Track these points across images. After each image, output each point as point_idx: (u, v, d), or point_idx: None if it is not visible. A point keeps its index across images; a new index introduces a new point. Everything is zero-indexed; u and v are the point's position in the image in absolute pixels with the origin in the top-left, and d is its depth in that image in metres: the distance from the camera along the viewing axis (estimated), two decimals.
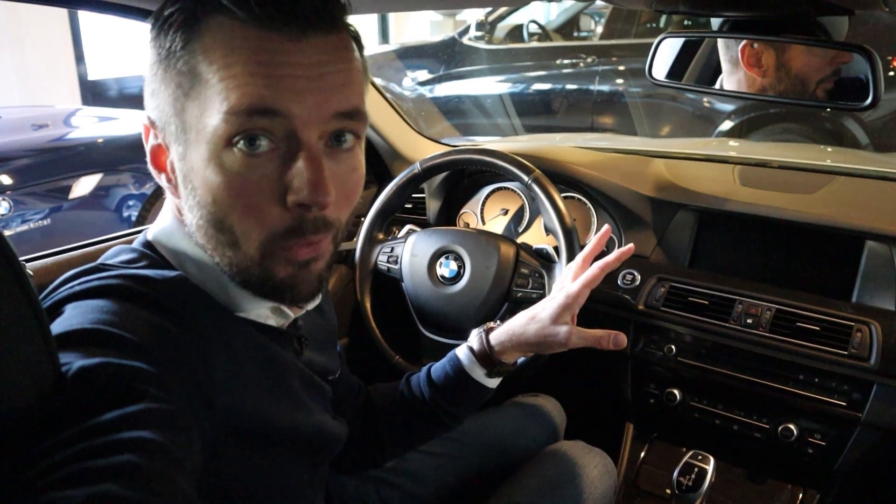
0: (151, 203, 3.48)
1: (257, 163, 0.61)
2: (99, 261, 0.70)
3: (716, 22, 1.18)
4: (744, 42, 1.22)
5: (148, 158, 0.69)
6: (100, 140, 3.56)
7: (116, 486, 0.45)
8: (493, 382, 1.04)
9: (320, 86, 0.62)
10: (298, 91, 0.61)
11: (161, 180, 0.70)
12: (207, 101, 0.60)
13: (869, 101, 0.99)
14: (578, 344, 0.98)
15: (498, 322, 1.06)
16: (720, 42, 1.28)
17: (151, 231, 0.73)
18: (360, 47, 0.68)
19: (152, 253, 0.71)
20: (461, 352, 1.04)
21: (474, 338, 1.04)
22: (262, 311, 0.73)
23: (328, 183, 0.62)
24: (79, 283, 0.64)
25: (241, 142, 0.60)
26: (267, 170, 0.62)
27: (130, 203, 3.42)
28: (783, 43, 1.15)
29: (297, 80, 0.60)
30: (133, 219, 3.42)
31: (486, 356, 1.02)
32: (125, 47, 6.24)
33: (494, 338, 1.02)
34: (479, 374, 1.02)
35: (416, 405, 1.05)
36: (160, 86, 0.64)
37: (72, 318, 0.59)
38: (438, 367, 1.06)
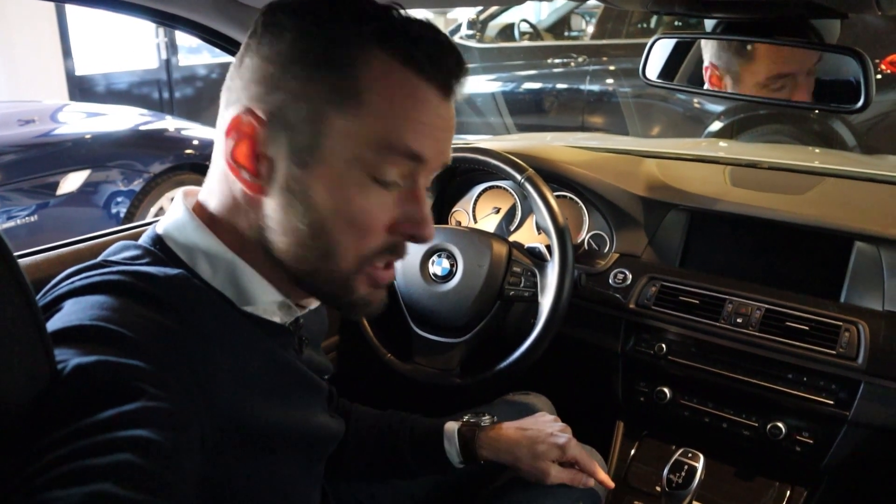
0: (140, 200, 3.45)
1: (383, 195, 0.67)
2: (101, 257, 0.69)
3: (709, 23, 1.19)
4: (707, 63, 1.24)
5: (228, 150, 0.66)
6: (88, 136, 3.53)
7: (113, 486, 0.45)
8: (461, 467, 1.09)
9: (447, 139, 0.71)
10: (435, 141, 0.68)
11: (240, 173, 0.67)
12: (359, 126, 0.64)
13: (861, 103, 1.00)
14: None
15: (494, 419, 1.12)
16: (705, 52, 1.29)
17: (161, 225, 0.73)
18: None
19: (159, 249, 0.70)
20: (449, 430, 1.08)
21: (467, 427, 1.09)
22: (269, 306, 0.73)
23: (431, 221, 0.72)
24: (80, 279, 0.63)
25: (378, 172, 0.66)
26: (387, 202, 0.68)
27: (119, 200, 3.39)
28: (777, 45, 1.16)
29: (437, 131, 0.68)
30: (121, 215, 3.40)
31: (470, 450, 1.07)
32: (113, 42, 6.20)
33: (486, 442, 1.06)
34: (454, 459, 1.07)
35: (388, 446, 1.09)
36: (299, 88, 0.64)
37: (71, 313, 0.58)
38: (422, 427, 1.10)
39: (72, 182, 3.25)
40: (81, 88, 6.00)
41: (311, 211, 0.66)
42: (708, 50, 1.25)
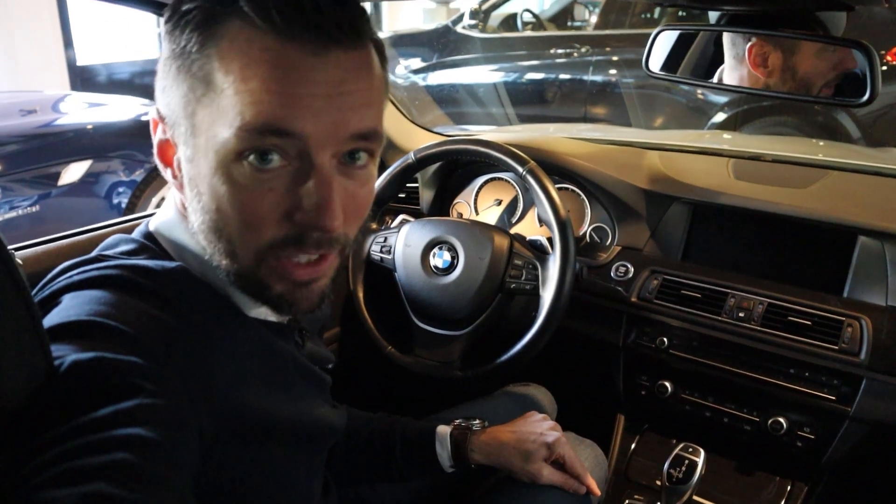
0: (142, 190, 3.45)
1: (266, 178, 0.60)
2: (97, 250, 0.69)
3: (713, 14, 1.17)
4: (752, 42, 1.21)
5: (155, 152, 0.69)
6: (89, 126, 3.52)
7: (109, 486, 0.44)
8: (451, 470, 1.09)
9: (339, 105, 0.60)
10: (315, 111, 0.59)
11: (167, 175, 0.69)
12: (220, 111, 0.59)
13: (866, 97, 0.99)
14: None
15: (485, 424, 1.12)
16: (725, 37, 1.27)
17: (153, 222, 0.73)
18: (384, 61, 0.67)
19: (153, 244, 0.70)
20: (441, 434, 1.08)
21: (458, 431, 1.09)
22: (261, 310, 0.73)
23: (337, 207, 0.61)
24: (77, 273, 0.63)
25: (252, 156, 0.59)
26: (275, 185, 0.61)
27: (120, 190, 3.39)
28: (783, 38, 1.14)
29: (316, 98, 0.59)
30: (123, 206, 3.39)
31: (461, 453, 1.07)
32: (114, 32, 6.18)
33: (478, 446, 1.07)
34: (445, 462, 1.08)
35: (378, 449, 1.09)
36: (172, 83, 0.63)
37: (69, 308, 0.58)
38: (413, 431, 1.09)
39: (73, 172, 3.24)
40: (83, 78, 6.00)
41: (205, 210, 0.63)
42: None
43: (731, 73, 1.28)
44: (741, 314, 1.29)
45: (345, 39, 0.59)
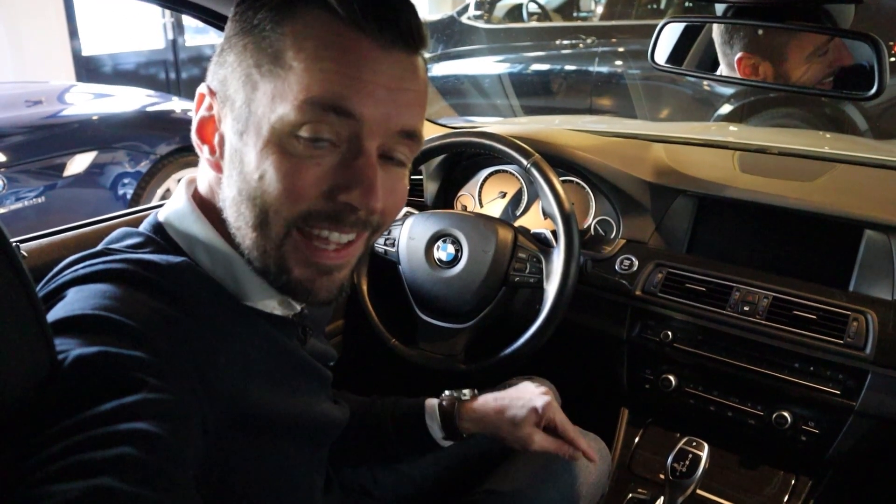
0: (146, 181, 3.45)
1: (317, 154, 0.63)
2: (103, 244, 0.69)
3: (720, 7, 1.16)
4: (740, 54, 1.21)
5: (193, 127, 0.70)
6: (95, 117, 3.52)
7: (113, 480, 0.44)
8: (447, 444, 1.08)
9: (395, 99, 0.65)
10: (376, 99, 0.63)
11: (203, 152, 0.70)
12: (286, 85, 0.62)
13: (874, 90, 0.98)
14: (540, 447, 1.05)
15: (475, 392, 1.10)
16: (718, 45, 1.27)
17: (163, 212, 0.73)
18: (426, 75, 0.71)
19: (160, 237, 0.70)
20: (430, 406, 1.08)
21: (447, 401, 1.08)
22: (269, 302, 0.73)
23: (380, 189, 0.65)
24: (82, 267, 0.63)
25: (307, 133, 0.62)
26: (324, 162, 0.64)
27: (125, 181, 3.40)
28: (771, 48, 1.14)
29: (378, 88, 0.63)
30: (128, 197, 3.40)
31: (451, 424, 1.06)
32: (120, 22, 6.17)
33: (467, 414, 1.06)
34: (437, 434, 1.07)
35: (371, 428, 1.08)
36: (235, 58, 0.65)
37: (73, 302, 0.58)
38: (403, 406, 1.09)
39: (79, 163, 3.25)
40: (88, 69, 5.99)
41: (242, 179, 0.65)
42: (737, 42, 1.22)
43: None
44: (746, 308, 1.29)
45: (409, 40, 0.65)
